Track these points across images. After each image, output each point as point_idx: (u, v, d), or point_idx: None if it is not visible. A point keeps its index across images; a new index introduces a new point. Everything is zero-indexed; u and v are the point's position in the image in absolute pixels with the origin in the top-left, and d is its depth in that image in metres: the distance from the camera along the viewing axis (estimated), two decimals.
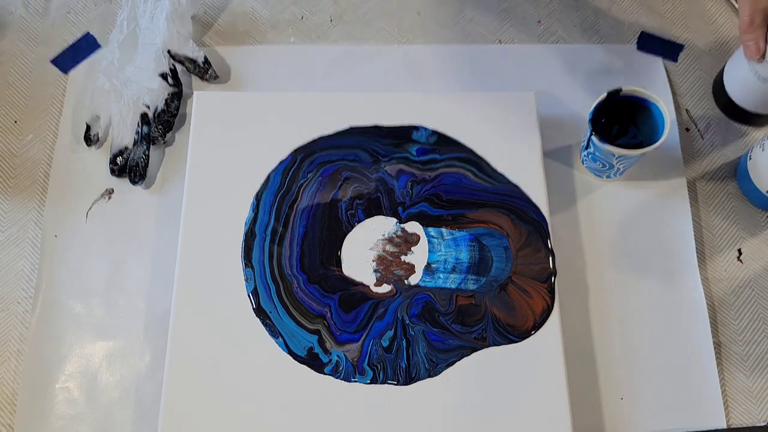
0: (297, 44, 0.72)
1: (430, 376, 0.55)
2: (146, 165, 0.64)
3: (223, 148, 0.62)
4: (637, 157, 0.59)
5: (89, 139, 0.65)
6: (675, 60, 0.71)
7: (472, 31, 0.73)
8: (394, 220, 0.60)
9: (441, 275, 0.58)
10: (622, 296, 0.61)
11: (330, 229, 0.60)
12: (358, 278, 0.58)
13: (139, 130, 0.64)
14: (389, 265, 0.59)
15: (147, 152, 0.64)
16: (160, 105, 0.66)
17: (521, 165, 0.62)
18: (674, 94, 0.69)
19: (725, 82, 0.66)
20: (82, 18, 0.72)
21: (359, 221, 0.60)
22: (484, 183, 0.61)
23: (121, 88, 0.66)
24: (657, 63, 0.71)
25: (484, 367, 0.56)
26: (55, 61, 0.70)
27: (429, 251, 0.59)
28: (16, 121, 0.68)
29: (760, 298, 0.62)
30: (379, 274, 0.58)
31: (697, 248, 0.63)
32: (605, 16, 0.73)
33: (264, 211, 0.60)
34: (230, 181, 0.61)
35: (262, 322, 0.57)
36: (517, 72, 0.70)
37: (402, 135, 0.63)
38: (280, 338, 0.56)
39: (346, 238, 0.59)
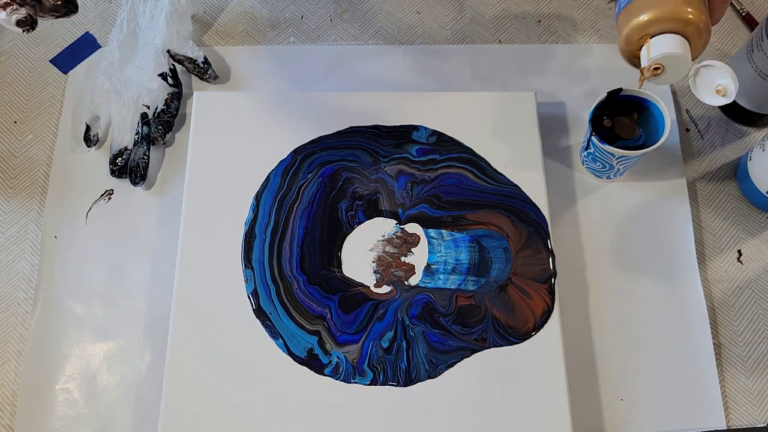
0: (297, 44, 0.72)
1: (430, 377, 0.55)
2: (147, 166, 0.64)
3: (223, 148, 0.62)
4: (638, 157, 0.59)
5: (89, 139, 0.65)
6: None
7: (472, 31, 0.73)
8: (394, 221, 0.60)
9: (441, 276, 0.58)
10: (622, 296, 0.61)
11: (330, 230, 0.60)
12: (358, 279, 0.58)
13: (139, 131, 0.64)
14: (389, 266, 0.59)
15: (147, 153, 0.64)
16: (160, 105, 0.66)
17: (521, 165, 0.62)
18: (674, 94, 0.69)
19: None
20: (82, 18, 0.72)
21: (359, 222, 0.60)
22: (484, 183, 0.61)
23: (120, 88, 0.65)
24: None
25: (484, 368, 0.56)
26: (55, 61, 0.70)
27: (429, 252, 0.59)
28: (15, 122, 0.68)
29: (760, 299, 0.62)
30: (379, 275, 0.58)
31: (697, 249, 0.63)
32: (605, 16, 0.73)
33: (264, 212, 0.60)
34: (230, 181, 0.61)
35: (262, 323, 0.57)
36: (517, 72, 0.70)
37: (402, 135, 0.63)
38: (279, 339, 0.56)
39: (346, 239, 0.59)
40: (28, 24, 0.44)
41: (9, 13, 0.43)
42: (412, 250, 0.59)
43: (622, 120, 0.61)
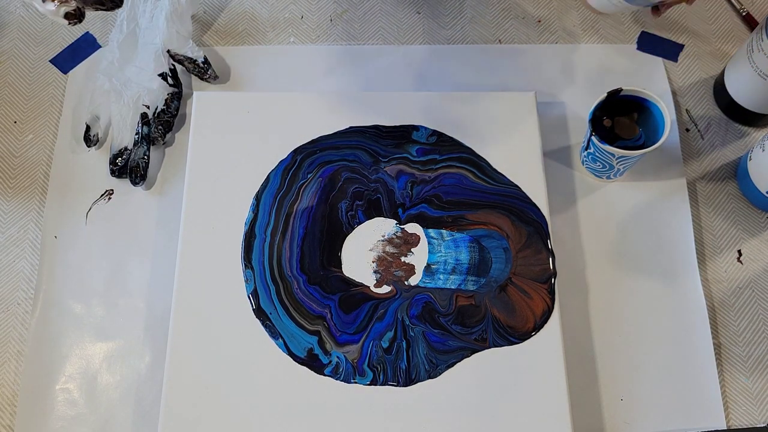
0: (297, 44, 0.72)
1: (430, 377, 0.55)
2: (147, 166, 0.64)
3: (223, 148, 0.62)
4: (638, 157, 0.59)
5: (89, 139, 0.65)
6: (675, 60, 0.71)
7: (472, 31, 0.73)
8: (394, 221, 0.60)
9: (441, 276, 0.58)
10: (622, 296, 0.61)
11: (330, 230, 0.60)
12: (358, 279, 0.58)
13: (139, 131, 0.64)
14: (389, 266, 0.59)
15: (147, 153, 0.64)
16: (160, 105, 0.66)
17: (521, 165, 0.62)
18: (674, 94, 0.69)
19: (727, 83, 0.66)
20: None
21: (359, 222, 0.60)
22: (484, 183, 0.61)
23: (120, 88, 0.65)
24: (657, 63, 0.71)
25: (484, 368, 0.56)
26: (55, 61, 0.70)
27: (429, 252, 0.59)
28: (15, 122, 0.68)
29: (760, 299, 0.62)
30: (379, 275, 0.58)
31: (697, 249, 0.63)
32: (605, 15, 0.73)
33: (264, 212, 0.60)
34: (230, 181, 0.61)
35: (262, 323, 0.57)
36: (517, 72, 0.70)
37: (402, 135, 0.63)
38: (279, 339, 0.56)
39: (347, 239, 0.59)
40: (76, 17, 0.44)
41: (58, 6, 0.43)
42: (412, 250, 0.59)
43: (622, 120, 0.61)
